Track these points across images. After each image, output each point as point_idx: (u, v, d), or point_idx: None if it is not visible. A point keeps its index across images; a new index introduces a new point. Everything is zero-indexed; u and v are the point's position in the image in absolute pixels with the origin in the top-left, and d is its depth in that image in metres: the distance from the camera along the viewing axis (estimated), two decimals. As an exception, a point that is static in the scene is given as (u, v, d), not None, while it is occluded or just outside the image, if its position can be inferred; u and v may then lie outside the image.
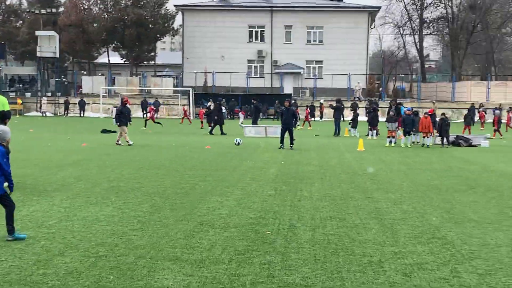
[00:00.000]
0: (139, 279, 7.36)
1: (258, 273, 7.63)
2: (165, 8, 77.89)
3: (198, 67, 71.33)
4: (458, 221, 10.93)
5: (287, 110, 26.78)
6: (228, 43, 72.79)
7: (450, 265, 8.06)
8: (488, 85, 66.43)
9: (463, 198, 13.54)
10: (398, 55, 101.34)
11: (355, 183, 15.69)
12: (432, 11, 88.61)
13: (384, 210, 11.94)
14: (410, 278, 7.48)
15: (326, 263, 8.10)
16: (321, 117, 56.98)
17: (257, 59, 73.91)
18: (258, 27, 74.16)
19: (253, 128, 36.11)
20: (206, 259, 8.24)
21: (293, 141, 26.11)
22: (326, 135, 35.90)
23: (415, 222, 10.83)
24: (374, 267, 7.94)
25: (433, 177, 17.24)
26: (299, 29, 73.61)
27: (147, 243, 9.09)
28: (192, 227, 10.20)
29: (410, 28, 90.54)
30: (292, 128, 26.45)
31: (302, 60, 73.06)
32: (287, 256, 8.43)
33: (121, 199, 12.78)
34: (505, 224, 10.69)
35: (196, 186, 14.89)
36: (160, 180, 15.81)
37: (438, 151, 26.09)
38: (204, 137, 33.13)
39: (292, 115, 26.69)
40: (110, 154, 22.40)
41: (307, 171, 18.16)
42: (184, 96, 63.16)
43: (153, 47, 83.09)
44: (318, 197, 13.50)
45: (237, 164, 19.91)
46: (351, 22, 73.18)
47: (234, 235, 9.62)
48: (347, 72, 67.26)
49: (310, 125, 45.05)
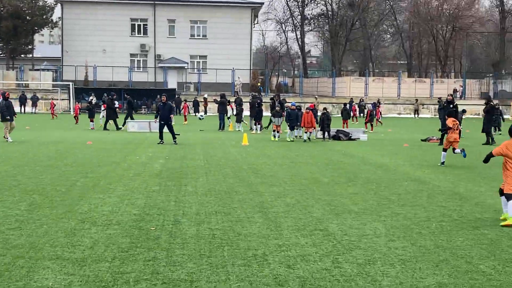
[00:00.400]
0: (18, 279, 7.06)
1: (142, 270, 7.52)
2: (43, 0, 75.32)
3: (79, 61, 69.59)
4: (339, 213, 11.22)
5: (163, 105, 26.48)
6: (110, 36, 71.43)
7: (331, 256, 8.25)
8: (367, 81, 68.85)
9: (343, 190, 13.93)
10: (281, 50, 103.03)
11: (239, 177, 15.79)
12: (313, 8, 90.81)
13: (268, 204, 12.08)
14: (293, 269, 7.60)
15: (211, 257, 8.09)
16: (205, 112, 57.08)
17: (140, 53, 73.01)
18: (140, 21, 73.25)
19: (136, 123, 35.60)
20: (88, 257, 8.03)
21: (175, 135, 25.94)
22: (210, 130, 35.96)
23: (298, 214, 11.02)
24: (258, 260, 8.01)
25: (315, 170, 17.63)
26: (182, 24, 73.31)
27: (25, 242, 8.75)
28: (73, 225, 9.92)
29: (292, 24, 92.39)
30: (170, 123, 26.24)
31: (186, 54, 72.87)
32: (171, 252, 8.36)
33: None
34: (383, 215, 11.07)
35: (77, 183, 14.50)
36: (39, 177, 15.27)
37: (320, 145, 26.74)
38: (85, 132, 32.33)
39: (168, 110, 26.42)
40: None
41: (192, 166, 18.11)
42: (64, 90, 61.38)
43: (31, 40, 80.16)
44: (203, 192, 13.48)
45: (120, 159, 19.57)
46: (234, 17, 73.69)
47: (117, 232, 9.43)
48: (231, 67, 67.66)
49: (185, 119, 45.27)
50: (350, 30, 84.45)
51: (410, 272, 7.57)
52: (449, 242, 9.12)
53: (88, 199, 12.27)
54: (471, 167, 18.76)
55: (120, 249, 8.44)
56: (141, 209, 11.35)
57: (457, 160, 20.42)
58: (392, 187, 14.46)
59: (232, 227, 9.93)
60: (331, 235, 9.44)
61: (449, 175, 16.92)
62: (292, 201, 12.39)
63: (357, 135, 30.41)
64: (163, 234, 9.39)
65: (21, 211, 10.99)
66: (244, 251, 8.46)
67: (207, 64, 73.18)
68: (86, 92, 57.85)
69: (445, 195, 13.41)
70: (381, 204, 12.26)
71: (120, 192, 13.28)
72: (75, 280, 7.09)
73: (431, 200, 12.79)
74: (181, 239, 9.05)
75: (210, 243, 8.87)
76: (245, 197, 12.85)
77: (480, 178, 16.26)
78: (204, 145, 25.26)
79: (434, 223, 10.43)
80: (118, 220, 10.33)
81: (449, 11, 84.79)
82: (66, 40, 72.31)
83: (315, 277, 7.32)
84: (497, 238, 9.40)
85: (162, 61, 72.27)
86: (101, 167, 17.56)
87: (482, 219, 10.86)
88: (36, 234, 9.27)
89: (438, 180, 15.78)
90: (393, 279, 7.27)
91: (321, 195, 13.20)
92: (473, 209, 11.77)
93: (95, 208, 11.38)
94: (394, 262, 7.97)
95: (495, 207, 12.00)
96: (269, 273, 7.44)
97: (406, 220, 10.66)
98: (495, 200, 12.81)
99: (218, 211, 11.22)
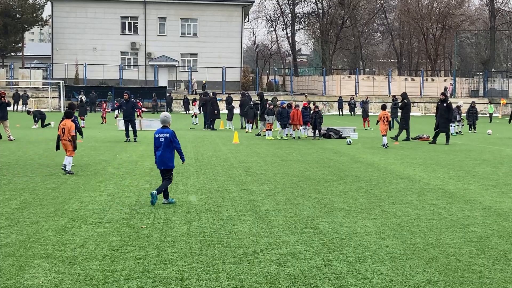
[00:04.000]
0: (8, 278, 7.05)
1: (133, 268, 7.51)
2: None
3: (69, 59, 69.41)
4: (329, 211, 11.25)
5: (126, 102, 26.33)
6: (100, 34, 71.29)
7: (322, 254, 8.27)
8: (357, 79, 68.92)
9: (333, 188, 13.96)
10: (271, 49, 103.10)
11: (230, 176, 15.80)
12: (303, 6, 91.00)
13: (259, 202, 12.09)
14: (284, 267, 7.61)
15: (202, 256, 8.10)
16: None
17: (130, 51, 72.88)
18: (131, 19, 73.12)
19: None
20: (78, 255, 8.02)
21: (137, 133, 26.17)
22: (200, 128, 35.95)
23: (288, 212, 11.04)
24: (249, 258, 8.02)
25: (305, 168, 17.66)
26: (173, 22, 73.26)
27: (16, 240, 8.73)
28: (64, 223, 9.90)
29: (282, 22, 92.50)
30: (134, 119, 26.22)
31: (177, 52, 72.81)
32: (162, 250, 8.36)
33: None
34: (373, 213, 11.11)
35: (67, 181, 14.47)
36: (29, 175, 15.23)
37: (310, 143, 26.77)
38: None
39: (131, 107, 26.36)
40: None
41: (182, 164, 18.06)
42: (54, 88, 61.18)
43: (21, 38, 79.84)
44: (193, 190, 13.48)
45: (110, 157, 19.53)
46: (225, 15, 73.67)
47: (108, 231, 9.42)
48: (222, 65, 67.63)
49: (140, 115, 44.97)
50: (340, 28, 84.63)
51: (400, 269, 7.60)
52: (439, 239, 9.16)
53: (78, 198, 12.24)
54: (461, 165, 18.84)
55: (111, 248, 8.43)
56: (132, 207, 11.34)
57: (447, 158, 20.51)
58: (382, 185, 14.51)
59: (223, 225, 9.94)
60: (322, 233, 9.46)
61: (438, 173, 16.98)
62: (283, 199, 12.41)
63: (348, 133, 30.44)
64: (154, 232, 9.38)
65: (12, 209, 10.96)
66: (234, 249, 8.47)
67: (198, 62, 73.13)
68: (76, 90, 57.63)
69: (435, 193, 13.46)
70: (371, 202, 12.30)
71: (111, 190, 13.26)
72: (65, 278, 7.08)
73: (421, 198, 12.83)
74: (172, 237, 9.06)
75: (200, 241, 8.87)
76: (236, 195, 12.86)
77: (469, 176, 16.33)
78: (195, 144, 25.24)
79: (424, 221, 10.47)
80: (108, 218, 10.32)
81: (439, 9, 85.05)
82: (57, 38, 72.08)
83: (305, 275, 7.34)
84: (486, 236, 9.45)
85: (152, 59, 72.15)
86: (92, 165, 17.53)
87: (472, 216, 10.91)
88: (27, 232, 9.24)
89: (428, 178, 15.84)
90: (383, 277, 7.30)
91: (311, 193, 13.22)
92: (463, 207, 11.82)
93: (86, 206, 11.36)
94: (385, 260, 8.00)
95: (484, 205, 12.06)
96: (259, 271, 7.45)
97: (396, 218, 10.69)
98: (484, 198, 12.88)
99: (208, 209, 11.23)
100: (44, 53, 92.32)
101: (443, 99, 27.40)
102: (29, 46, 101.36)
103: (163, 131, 11.97)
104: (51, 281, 6.96)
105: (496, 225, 10.25)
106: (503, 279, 7.31)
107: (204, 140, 27.02)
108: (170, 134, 11.89)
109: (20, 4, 72.69)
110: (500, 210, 11.54)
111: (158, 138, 11.97)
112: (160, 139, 11.91)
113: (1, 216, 10.33)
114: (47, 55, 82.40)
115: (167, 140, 11.86)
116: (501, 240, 9.24)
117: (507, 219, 10.71)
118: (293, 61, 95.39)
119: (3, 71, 68.64)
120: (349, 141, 26.23)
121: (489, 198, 12.96)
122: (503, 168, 18.43)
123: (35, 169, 16.48)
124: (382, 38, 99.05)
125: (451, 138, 28.14)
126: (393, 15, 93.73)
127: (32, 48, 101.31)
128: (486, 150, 24.15)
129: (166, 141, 11.85)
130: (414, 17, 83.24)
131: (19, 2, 72.57)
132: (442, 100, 27.42)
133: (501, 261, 8.08)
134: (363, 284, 7.04)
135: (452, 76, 74.48)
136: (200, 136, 29.81)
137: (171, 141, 11.86)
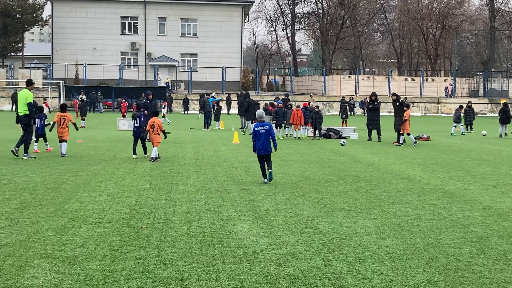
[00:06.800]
0: (8, 278, 7.05)
1: (133, 268, 7.51)
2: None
3: (69, 59, 69.43)
4: (329, 211, 11.24)
5: (150, 102, 26.96)
6: (100, 34, 71.29)
7: (322, 254, 8.27)
8: (357, 79, 68.90)
9: (333, 188, 13.96)
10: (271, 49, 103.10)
11: (230, 176, 15.80)
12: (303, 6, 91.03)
13: (259, 202, 12.09)
14: (284, 268, 7.61)
15: (202, 256, 8.10)
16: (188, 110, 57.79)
17: (130, 51, 72.88)
18: (131, 19, 73.12)
19: (127, 122, 35.52)
20: (78, 255, 8.02)
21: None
22: (199, 129, 35.95)
23: (288, 212, 11.04)
24: (249, 258, 8.02)
25: (305, 168, 17.66)
26: (173, 22, 73.25)
27: (16, 241, 8.73)
28: (64, 223, 9.90)
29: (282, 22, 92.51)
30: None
31: (177, 52, 72.80)
32: (162, 250, 8.35)
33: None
34: (373, 213, 11.11)
35: (67, 181, 14.47)
36: (29, 175, 15.23)
37: (310, 143, 26.77)
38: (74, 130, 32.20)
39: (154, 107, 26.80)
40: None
41: (182, 164, 18.10)
42: (54, 88, 61.16)
43: (21, 38, 79.81)
44: (193, 190, 13.47)
45: (110, 157, 19.53)
46: (225, 15, 73.67)
47: (108, 231, 9.42)
48: (222, 65, 67.61)
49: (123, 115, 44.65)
50: (340, 28, 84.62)
51: (400, 269, 7.60)
52: (439, 239, 9.17)
53: (78, 198, 12.24)
54: (461, 165, 18.85)
55: (111, 248, 8.43)
56: (132, 207, 11.34)
57: (447, 158, 20.51)
58: (382, 185, 14.51)
59: (223, 225, 9.94)
60: (322, 233, 9.46)
61: (438, 173, 16.98)
62: (283, 199, 12.41)
63: (348, 133, 30.46)
64: (154, 232, 9.38)
65: (12, 209, 10.96)
66: (234, 249, 8.46)
67: (198, 63, 73.12)
68: (76, 90, 57.61)
69: (435, 193, 13.46)
70: (371, 202, 12.30)
71: (111, 190, 13.26)
72: (65, 278, 7.08)
73: (421, 198, 12.83)
74: (172, 238, 9.05)
75: (200, 241, 8.87)
76: (236, 195, 12.86)
77: (469, 176, 16.33)
78: (195, 144, 25.24)
79: (424, 221, 10.47)
80: (108, 218, 10.32)
81: (439, 9, 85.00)
82: (56, 38, 72.08)
83: (305, 275, 7.34)
84: (486, 236, 9.45)
85: (152, 59, 72.13)
86: (92, 165, 17.53)
87: (472, 216, 10.91)
88: (27, 232, 9.24)
89: (427, 178, 15.84)
90: (383, 277, 7.30)
91: (311, 193, 13.22)
92: (463, 207, 11.82)
93: (86, 206, 11.36)
94: (385, 260, 8.00)
95: (484, 205, 12.06)
96: (259, 271, 7.45)
97: (396, 218, 10.69)
98: (484, 198, 12.88)
99: (208, 209, 11.23)
100: (44, 53, 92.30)
101: (395, 99, 27.90)
102: (29, 46, 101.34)
103: (263, 124, 14.47)
104: (51, 281, 6.96)
105: (496, 225, 10.25)
106: (503, 279, 7.31)
107: (204, 140, 27.02)
108: (270, 126, 14.54)
109: (20, 4, 72.60)
110: (500, 210, 11.55)
111: (258, 131, 14.36)
112: (261, 131, 14.33)
113: (1, 216, 10.33)
114: (47, 55, 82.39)
115: (267, 131, 14.32)
116: (501, 240, 9.24)
117: (507, 219, 10.71)
118: (293, 61, 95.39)
119: (3, 71, 68.58)
120: (343, 142, 25.94)
121: (489, 198, 12.96)
122: (503, 168, 18.44)
123: (35, 169, 16.47)
124: (382, 38, 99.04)
125: (451, 138, 28.11)
126: (393, 15, 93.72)
127: (32, 48, 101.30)
128: (486, 150, 24.15)
129: (267, 133, 14.31)
130: (414, 17, 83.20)
131: (19, 2, 72.48)
132: (394, 100, 27.97)
133: (501, 261, 8.08)
134: (363, 284, 7.04)
135: (452, 76, 74.42)
136: (200, 136, 29.81)
137: (270, 133, 14.32)
